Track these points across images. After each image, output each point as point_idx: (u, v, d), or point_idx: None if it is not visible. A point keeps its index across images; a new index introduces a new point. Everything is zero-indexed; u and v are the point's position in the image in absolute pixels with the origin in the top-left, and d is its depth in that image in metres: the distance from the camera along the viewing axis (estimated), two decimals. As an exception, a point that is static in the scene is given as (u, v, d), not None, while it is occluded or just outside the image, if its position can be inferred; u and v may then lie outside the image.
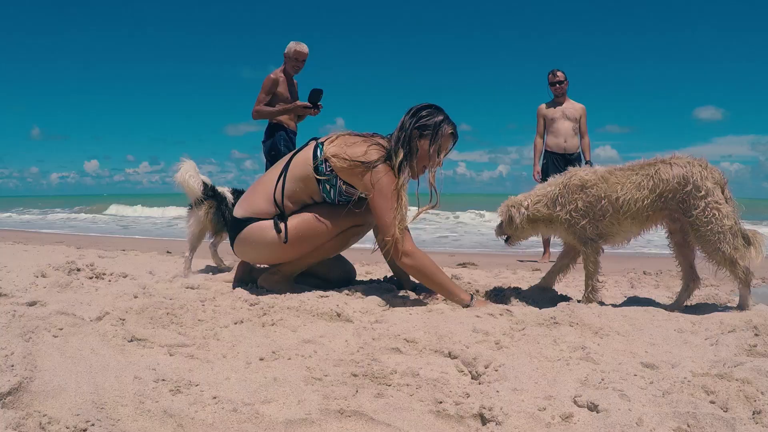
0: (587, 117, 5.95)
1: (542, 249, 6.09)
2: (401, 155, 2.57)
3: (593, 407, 1.37)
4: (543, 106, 6.02)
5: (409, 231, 2.62)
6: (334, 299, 2.51)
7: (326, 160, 2.60)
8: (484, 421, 1.35)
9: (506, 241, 2.88)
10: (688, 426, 1.28)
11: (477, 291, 2.96)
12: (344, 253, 3.07)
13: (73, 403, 1.32)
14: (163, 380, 1.46)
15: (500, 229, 2.87)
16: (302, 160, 2.68)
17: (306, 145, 2.75)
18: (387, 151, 2.61)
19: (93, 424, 1.23)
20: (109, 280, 3.01)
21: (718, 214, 2.42)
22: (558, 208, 2.66)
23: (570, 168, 2.76)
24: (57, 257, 4.07)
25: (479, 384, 1.56)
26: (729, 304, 2.80)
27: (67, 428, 1.21)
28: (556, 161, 5.87)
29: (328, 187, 2.64)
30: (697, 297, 2.79)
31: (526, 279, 3.78)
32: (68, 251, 4.89)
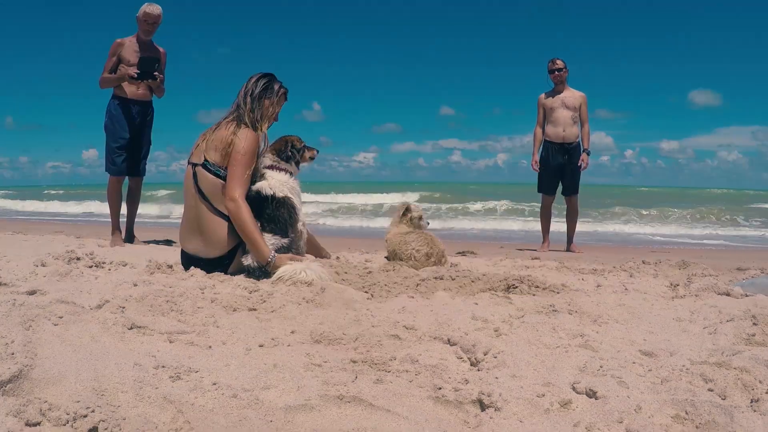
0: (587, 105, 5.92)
1: (541, 238, 6.08)
2: (256, 114, 3.01)
3: (592, 394, 1.38)
4: (543, 95, 5.98)
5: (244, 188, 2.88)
6: (334, 287, 2.51)
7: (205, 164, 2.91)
8: (483, 407, 1.36)
9: None
10: (686, 413, 1.29)
11: (473, 282, 2.88)
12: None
13: (74, 390, 1.32)
14: (163, 367, 1.46)
15: None
16: (202, 184, 2.93)
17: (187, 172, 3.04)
18: (239, 116, 2.99)
19: (93, 411, 1.23)
20: (109, 269, 3.01)
21: None
22: None
23: None
24: (56, 246, 4.06)
25: (478, 370, 1.57)
26: (727, 294, 2.80)
27: (68, 415, 1.21)
28: (554, 151, 5.86)
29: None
30: (696, 286, 2.79)
31: (526, 267, 3.78)
32: (68, 240, 4.88)
